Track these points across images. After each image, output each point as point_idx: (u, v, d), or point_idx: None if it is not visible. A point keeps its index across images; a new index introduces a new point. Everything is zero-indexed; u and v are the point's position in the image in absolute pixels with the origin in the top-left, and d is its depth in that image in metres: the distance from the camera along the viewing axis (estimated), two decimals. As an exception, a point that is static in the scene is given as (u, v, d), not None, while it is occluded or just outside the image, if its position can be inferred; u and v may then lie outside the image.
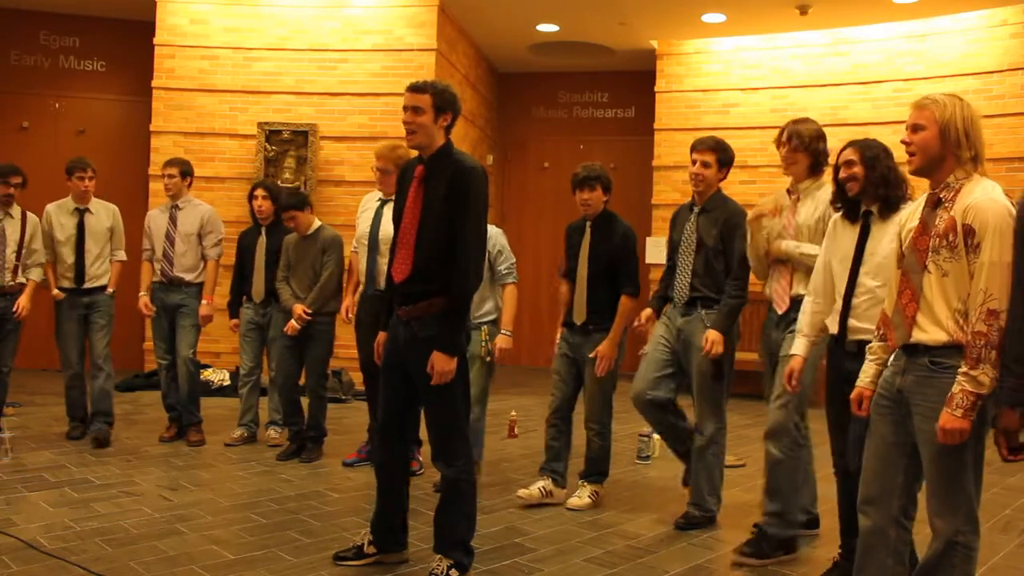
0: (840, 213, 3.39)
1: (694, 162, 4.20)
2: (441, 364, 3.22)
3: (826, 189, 3.72)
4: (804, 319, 3.43)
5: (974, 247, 2.52)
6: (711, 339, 4.02)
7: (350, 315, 5.24)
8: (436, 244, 3.27)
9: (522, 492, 4.51)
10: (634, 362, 4.55)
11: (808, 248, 3.68)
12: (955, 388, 2.49)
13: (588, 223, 4.57)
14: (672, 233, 4.38)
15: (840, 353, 3.26)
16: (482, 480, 4.80)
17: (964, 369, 2.49)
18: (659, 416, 4.35)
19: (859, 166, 3.24)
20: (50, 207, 5.74)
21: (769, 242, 3.84)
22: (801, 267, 3.71)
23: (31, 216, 5.66)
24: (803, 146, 3.78)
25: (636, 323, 4.37)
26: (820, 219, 3.70)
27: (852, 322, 3.21)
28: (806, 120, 3.88)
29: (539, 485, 4.53)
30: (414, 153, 3.45)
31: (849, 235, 3.31)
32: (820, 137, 3.83)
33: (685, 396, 4.33)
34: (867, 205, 3.28)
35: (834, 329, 3.28)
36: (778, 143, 3.86)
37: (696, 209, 4.26)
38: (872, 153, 3.25)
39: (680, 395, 4.37)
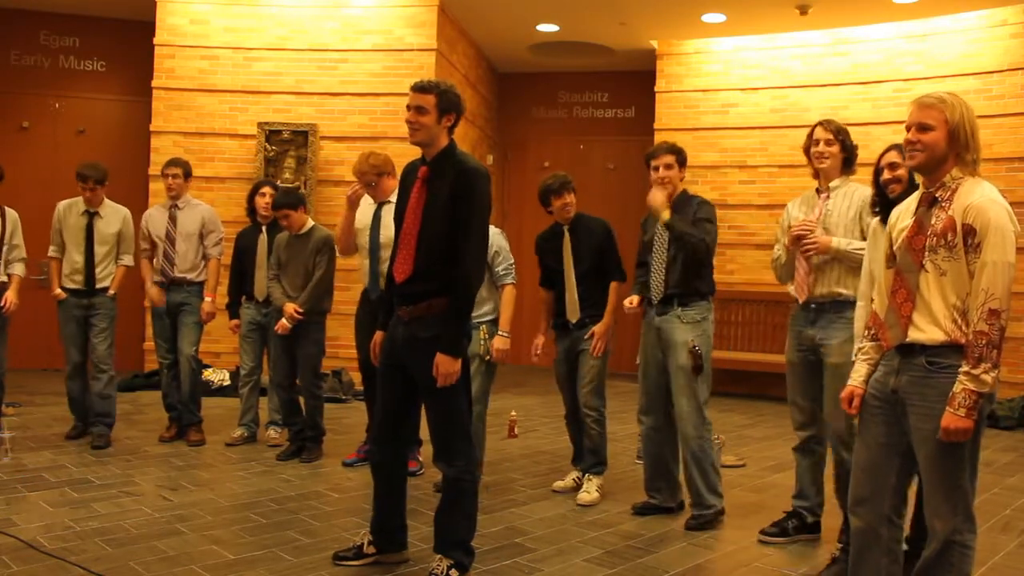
0: (878, 219, 3.40)
1: (656, 168, 4.32)
2: (446, 366, 3.22)
3: (856, 185, 3.82)
4: (859, 325, 3.43)
5: (974, 247, 2.52)
6: (657, 206, 4.20)
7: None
8: (438, 245, 3.27)
9: (582, 496, 4.59)
10: (634, 363, 4.57)
11: (859, 244, 3.65)
12: (957, 388, 2.50)
13: (565, 227, 4.75)
14: (643, 236, 4.47)
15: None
16: (483, 480, 4.80)
17: (966, 368, 2.49)
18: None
19: (903, 169, 3.27)
20: (61, 205, 5.71)
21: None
22: (845, 263, 3.71)
23: (11, 212, 5.65)
24: (841, 139, 3.83)
25: (627, 308, 4.43)
26: (856, 217, 3.73)
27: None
28: (832, 119, 3.95)
29: (596, 485, 4.65)
30: (389, 152, 3.43)
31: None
32: (849, 133, 3.91)
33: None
34: None
35: None
36: (810, 140, 3.89)
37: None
38: None
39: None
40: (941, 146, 2.62)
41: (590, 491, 4.60)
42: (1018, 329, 7.50)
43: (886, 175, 3.33)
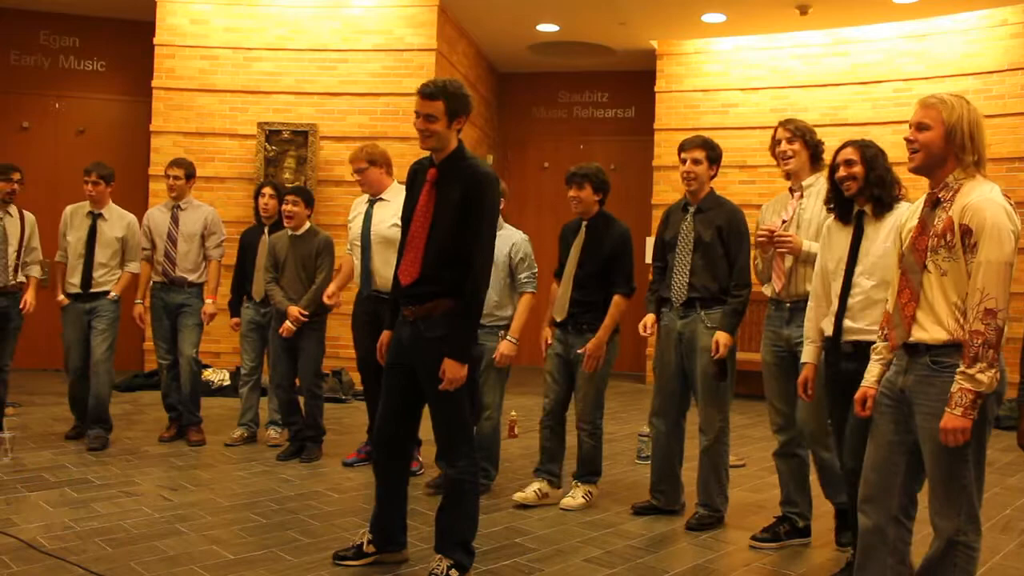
0: (833, 216, 3.40)
1: (684, 161, 4.22)
2: (453, 371, 3.21)
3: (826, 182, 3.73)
4: (809, 325, 3.44)
5: (971, 247, 2.53)
6: (721, 342, 4.04)
7: (334, 300, 5.24)
8: (445, 248, 3.25)
9: (517, 495, 4.50)
10: (634, 362, 4.56)
11: (815, 246, 3.63)
12: (954, 387, 2.51)
13: (584, 223, 4.55)
14: (664, 233, 4.37)
15: (836, 354, 3.27)
16: (494, 486, 4.80)
17: (962, 368, 2.50)
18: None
19: (859, 165, 3.25)
20: (68, 208, 5.74)
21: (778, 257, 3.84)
22: (810, 264, 3.68)
23: (28, 214, 5.69)
24: (801, 135, 3.81)
25: (642, 332, 4.35)
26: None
27: (847, 323, 3.22)
28: (792, 118, 3.96)
29: (535, 487, 4.52)
30: (389, 152, 3.41)
31: (843, 237, 3.33)
32: (813, 130, 3.89)
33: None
34: (860, 205, 3.29)
35: (829, 331, 3.29)
36: (774, 142, 3.89)
37: (692, 208, 4.25)
38: (871, 153, 3.27)
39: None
40: (938, 145, 2.62)
41: (575, 496, 4.50)
42: (1018, 329, 7.50)
43: (841, 172, 3.29)
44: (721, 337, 4.05)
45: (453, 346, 3.22)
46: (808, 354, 3.42)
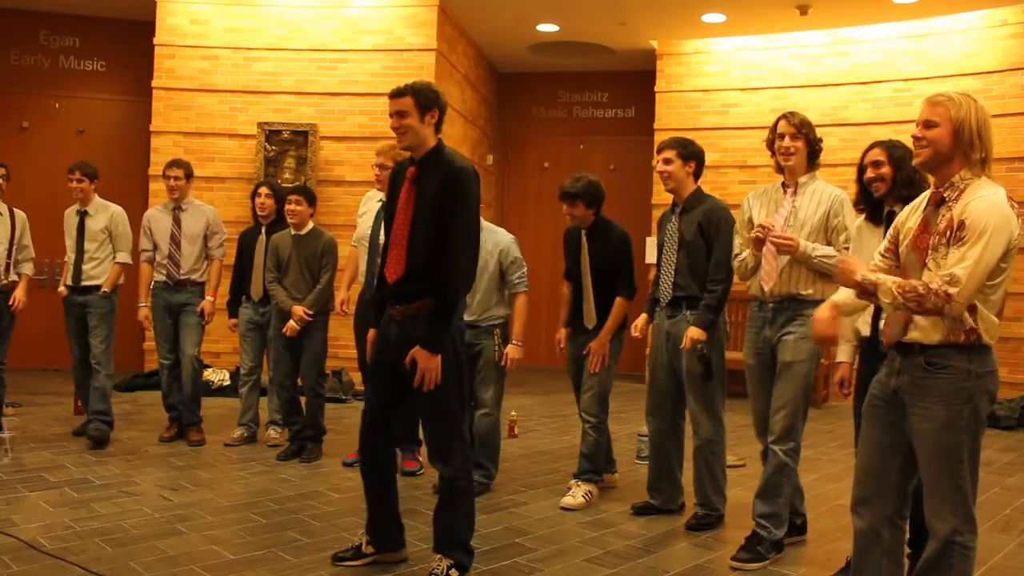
0: (864, 216, 3.40)
1: (657, 163, 4.26)
2: (424, 361, 3.21)
3: (823, 185, 3.73)
4: (845, 325, 3.40)
5: (959, 238, 2.49)
6: (689, 335, 4.03)
7: (345, 308, 5.28)
8: (428, 245, 3.27)
9: (567, 500, 4.48)
10: (634, 362, 4.56)
11: (825, 250, 3.61)
12: (884, 280, 2.54)
13: (583, 230, 4.64)
14: (659, 236, 4.41)
15: (873, 355, 3.26)
16: (494, 485, 4.80)
17: (896, 284, 2.51)
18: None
19: (887, 166, 3.26)
20: (67, 211, 5.83)
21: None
22: (806, 266, 3.65)
23: (19, 212, 5.74)
24: (805, 134, 3.74)
25: (633, 332, 4.40)
26: (825, 215, 3.66)
27: (883, 324, 3.21)
28: (796, 112, 3.87)
29: (584, 491, 4.53)
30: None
31: (874, 237, 3.33)
32: (814, 127, 3.82)
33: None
34: (889, 206, 3.29)
35: (866, 332, 3.29)
36: (775, 134, 3.80)
37: (678, 209, 4.28)
38: (899, 153, 3.26)
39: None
40: (945, 143, 2.59)
41: (575, 496, 4.51)
42: (1018, 329, 7.50)
43: (870, 173, 3.29)
44: (691, 331, 4.04)
45: (426, 336, 3.23)
46: (844, 353, 3.44)
